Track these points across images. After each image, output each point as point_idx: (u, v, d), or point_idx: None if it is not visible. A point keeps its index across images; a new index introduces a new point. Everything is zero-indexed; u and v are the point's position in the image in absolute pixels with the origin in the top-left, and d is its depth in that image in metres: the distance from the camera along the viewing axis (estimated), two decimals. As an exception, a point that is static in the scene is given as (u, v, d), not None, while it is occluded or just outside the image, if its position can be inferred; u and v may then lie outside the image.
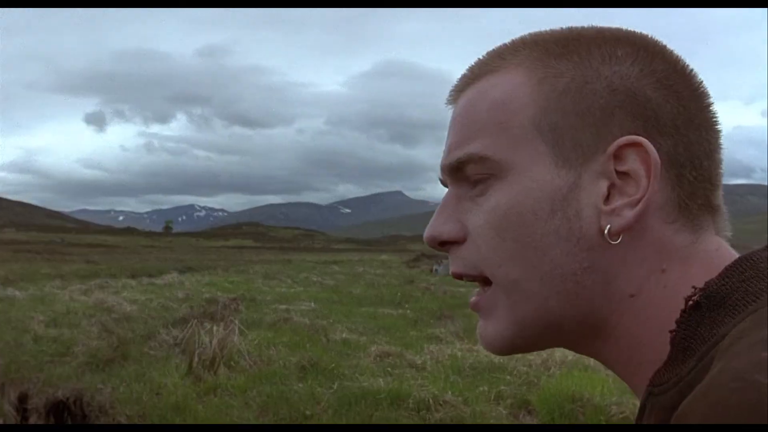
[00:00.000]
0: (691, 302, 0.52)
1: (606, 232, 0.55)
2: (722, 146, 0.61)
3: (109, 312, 11.31)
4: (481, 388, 6.24)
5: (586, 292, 0.57)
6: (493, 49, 0.64)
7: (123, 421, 5.27)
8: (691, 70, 0.60)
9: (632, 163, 0.56)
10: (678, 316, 0.53)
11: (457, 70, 0.69)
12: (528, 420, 5.62)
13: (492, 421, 5.45)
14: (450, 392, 5.98)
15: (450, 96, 0.66)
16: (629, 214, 0.55)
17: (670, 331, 0.52)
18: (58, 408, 5.20)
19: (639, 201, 0.55)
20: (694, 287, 0.53)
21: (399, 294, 16.54)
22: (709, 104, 0.60)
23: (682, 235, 0.57)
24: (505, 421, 5.51)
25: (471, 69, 0.64)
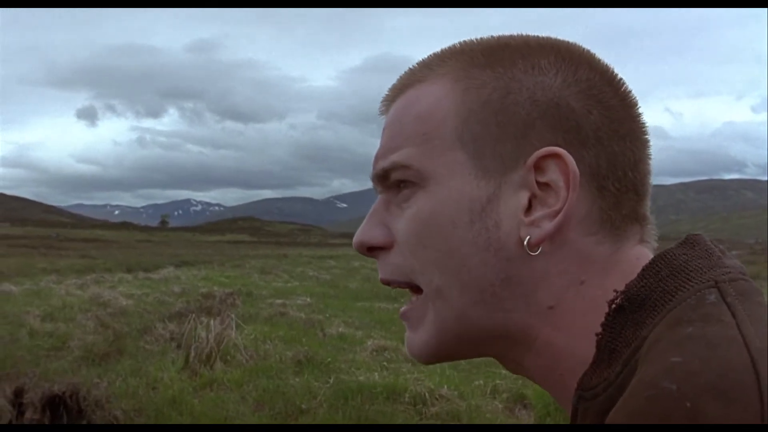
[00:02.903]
0: (614, 305, 0.53)
1: (525, 243, 0.56)
2: (650, 156, 0.60)
3: (105, 306, 11.30)
4: (476, 382, 6.26)
5: (505, 303, 0.57)
6: (423, 59, 0.64)
7: (119, 414, 5.27)
8: (620, 79, 0.60)
9: (552, 174, 0.56)
10: (597, 326, 0.53)
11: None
12: (523, 414, 5.64)
13: (488, 415, 5.46)
14: (446, 386, 5.99)
15: (381, 106, 0.66)
16: (549, 225, 0.55)
17: (596, 334, 0.53)
18: (54, 402, 5.20)
19: (558, 212, 0.55)
20: (615, 291, 0.54)
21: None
22: (638, 114, 0.60)
23: (603, 246, 0.57)
24: (500, 415, 5.53)
25: (400, 79, 0.65)
